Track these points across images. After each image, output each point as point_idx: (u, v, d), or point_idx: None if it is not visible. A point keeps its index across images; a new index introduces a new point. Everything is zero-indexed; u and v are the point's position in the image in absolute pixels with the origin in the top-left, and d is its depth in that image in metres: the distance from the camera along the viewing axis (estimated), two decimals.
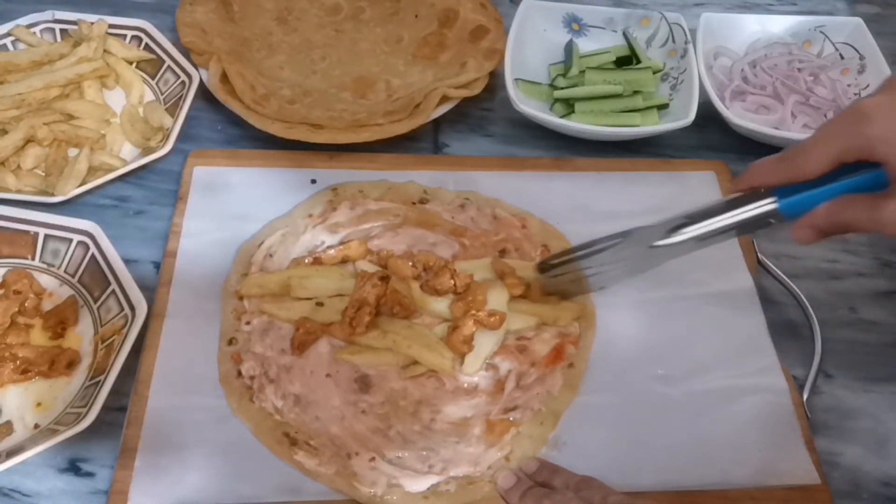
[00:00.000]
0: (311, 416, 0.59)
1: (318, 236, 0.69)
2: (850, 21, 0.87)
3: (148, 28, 0.83)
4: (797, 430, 0.60)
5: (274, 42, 0.85)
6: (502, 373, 0.62)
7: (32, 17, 0.82)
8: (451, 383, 0.61)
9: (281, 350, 0.62)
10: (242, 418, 0.58)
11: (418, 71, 0.83)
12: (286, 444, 0.57)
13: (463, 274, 0.64)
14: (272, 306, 0.64)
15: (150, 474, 0.56)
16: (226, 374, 0.61)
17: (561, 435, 0.59)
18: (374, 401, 0.60)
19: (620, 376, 0.62)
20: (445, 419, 0.59)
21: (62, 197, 0.70)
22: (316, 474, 0.56)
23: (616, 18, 0.87)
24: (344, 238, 0.69)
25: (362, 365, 0.62)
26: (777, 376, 0.63)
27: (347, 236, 0.69)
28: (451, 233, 0.70)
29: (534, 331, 0.64)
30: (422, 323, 0.63)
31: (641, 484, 0.57)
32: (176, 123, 0.75)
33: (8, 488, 0.56)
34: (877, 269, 0.72)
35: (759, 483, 0.57)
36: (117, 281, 0.63)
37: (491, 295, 0.63)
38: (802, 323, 0.67)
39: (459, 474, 0.57)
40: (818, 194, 0.50)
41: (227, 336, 0.63)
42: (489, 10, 0.87)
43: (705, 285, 0.68)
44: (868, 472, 0.60)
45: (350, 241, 0.68)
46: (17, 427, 0.58)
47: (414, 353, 0.61)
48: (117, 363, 0.58)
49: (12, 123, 0.74)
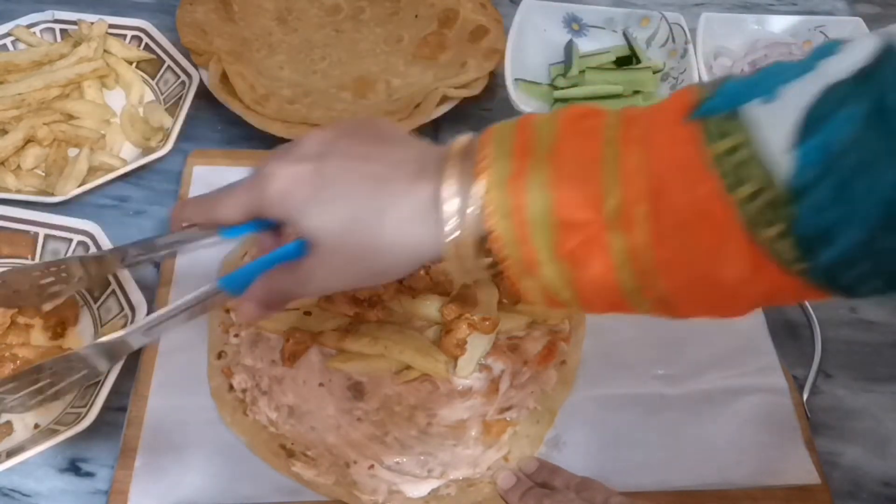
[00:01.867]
0: (306, 426, 0.59)
1: None
2: (851, 21, 0.87)
3: (148, 28, 0.82)
4: (797, 429, 0.60)
5: (274, 42, 0.85)
6: (496, 373, 0.62)
7: (32, 17, 0.82)
8: (446, 386, 0.61)
9: (271, 361, 0.62)
10: (237, 432, 0.58)
11: (418, 71, 0.83)
12: (283, 456, 0.57)
13: (437, 271, 0.63)
14: None
15: (150, 474, 0.56)
16: (217, 388, 0.60)
17: (560, 435, 0.59)
18: (369, 407, 0.60)
19: (619, 376, 0.62)
20: (441, 422, 0.59)
21: (62, 197, 0.70)
22: (315, 485, 0.56)
23: (616, 18, 0.87)
24: None
25: (355, 372, 0.61)
26: (777, 376, 0.63)
27: None
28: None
29: (524, 329, 0.64)
30: (412, 327, 0.63)
31: (641, 484, 0.57)
32: (176, 123, 0.75)
33: (8, 488, 0.56)
34: None
35: (759, 483, 0.57)
36: (117, 281, 0.63)
37: (481, 296, 0.63)
38: (802, 323, 0.67)
39: (459, 477, 0.57)
40: (252, 267, 0.50)
41: (215, 350, 0.62)
42: (489, 10, 0.87)
43: None
44: (868, 472, 0.60)
45: None
46: (17, 427, 0.58)
47: (406, 357, 0.61)
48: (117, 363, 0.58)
49: (12, 123, 0.74)
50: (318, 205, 0.44)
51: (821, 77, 0.35)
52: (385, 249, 0.44)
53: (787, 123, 0.35)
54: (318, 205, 0.44)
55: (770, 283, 0.38)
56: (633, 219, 0.38)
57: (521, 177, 0.40)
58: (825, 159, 0.34)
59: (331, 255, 0.45)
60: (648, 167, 0.38)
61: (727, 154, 0.36)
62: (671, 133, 0.38)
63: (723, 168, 0.36)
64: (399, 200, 0.43)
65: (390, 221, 0.43)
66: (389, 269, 0.45)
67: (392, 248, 0.44)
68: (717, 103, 0.38)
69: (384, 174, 0.44)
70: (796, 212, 0.35)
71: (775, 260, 0.37)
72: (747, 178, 0.36)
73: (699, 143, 0.37)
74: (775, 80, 0.37)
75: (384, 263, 0.45)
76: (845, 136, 0.34)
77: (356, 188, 0.44)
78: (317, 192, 0.44)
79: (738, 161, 0.36)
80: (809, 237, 0.36)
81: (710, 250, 0.38)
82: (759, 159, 0.36)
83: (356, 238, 0.44)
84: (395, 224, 0.43)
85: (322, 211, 0.44)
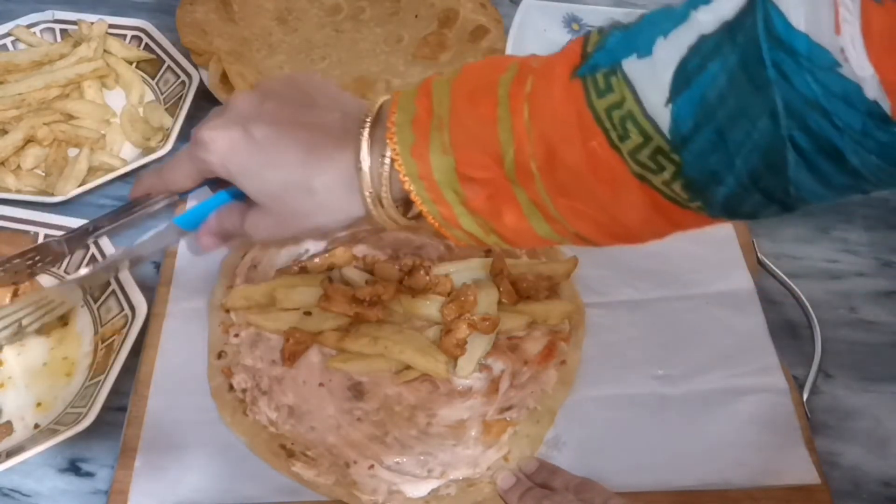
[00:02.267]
0: (306, 426, 0.59)
1: (302, 244, 0.68)
2: None
3: (148, 28, 0.83)
4: (797, 430, 0.60)
5: (274, 42, 0.85)
6: (496, 373, 0.62)
7: (32, 17, 0.82)
8: (446, 386, 0.61)
9: (271, 361, 0.62)
10: (237, 432, 0.58)
11: (418, 71, 0.83)
12: (283, 456, 0.57)
13: (438, 273, 0.64)
14: (259, 317, 0.63)
15: (150, 474, 0.56)
16: (217, 388, 0.60)
17: (560, 435, 0.59)
18: (369, 408, 0.60)
19: (619, 376, 0.62)
20: (441, 422, 0.59)
21: (62, 197, 0.70)
22: (315, 485, 0.56)
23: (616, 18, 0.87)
24: (328, 245, 0.68)
25: (355, 372, 0.61)
26: (777, 376, 0.63)
27: (332, 243, 0.68)
28: (435, 234, 0.69)
29: (524, 329, 0.64)
30: (412, 327, 0.63)
31: (641, 484, 0.57)
32: (176, 123, 0.75)
33: (8, 488, 0.56)
34: (877, 269, 0.72)
35: (759, 483, 0.57)
36: (117, 281, 0.63)
37: (481, 296, 0.63)
38: (802, 323, 0.67)
39: (459, 477, 0.57)
40: (203, 207, 0.53)
41: (215, 350, 0.62)
42: (489, 10, 0.87)
43: (705, 285, 0.67)
44: (868, 472, 0.60)
45: (335, 247, 0.67)
46: (17, 427, 0.58)
47: (406, 358, 0.61)
48: (117, 363, 0.58)
49: (12, 123, 0.74)
50: (254, 169, 0.47)
51: (693, 28, 0.36)
52: (317, 211, 0.47)
53: (662, 78, 0.37)
54: (255, 169, 0.47)
55: (672, 218, 0.41)
56: (529, 173, 0.41)
57: (423, 143, 0.43)
58: (701, 111, 0.36)
59: (269, 213, 0.49)
60: (537, 125, 0.40)
61: (610, 110, 0.38)
62: (559, 90, 0.40)
63: (608, 122, 0.38)
64: (325, 166, 0.46)
65: (319, 186, 0.46)
66: (324, 227, 0.49)
67: (325, 208, 0.47)
68: (599, 59, 0.39)
69: (310, 141, 0.47)
70: (681, 158, 0.37)
71: (671, 201, 0.40)
72: (631, 131, 0.38)
73: (584, 100, 0.39)
74: (652, 31, 0.38)
75: (319, 221, 0.48)
76: (718, 88, 0.35)
77: (284, 157, 0.47)
78: (251, 157, 0.47)
79: (621, 116, 0.38)
80: (697, 180, 0.38)
81: (608, 198, 0.40)
82: (640, 113, 0.37)
83: (289, 202, 0.47)
84: (324, 189, 0.47)
85: (255, 176, 0.48)
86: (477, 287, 0.63)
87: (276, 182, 0.47)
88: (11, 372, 0.61)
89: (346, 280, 0.65)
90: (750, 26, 0.34)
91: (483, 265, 0.66)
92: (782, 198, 0.38)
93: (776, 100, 0.34)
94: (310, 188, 0.46)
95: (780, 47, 0.33)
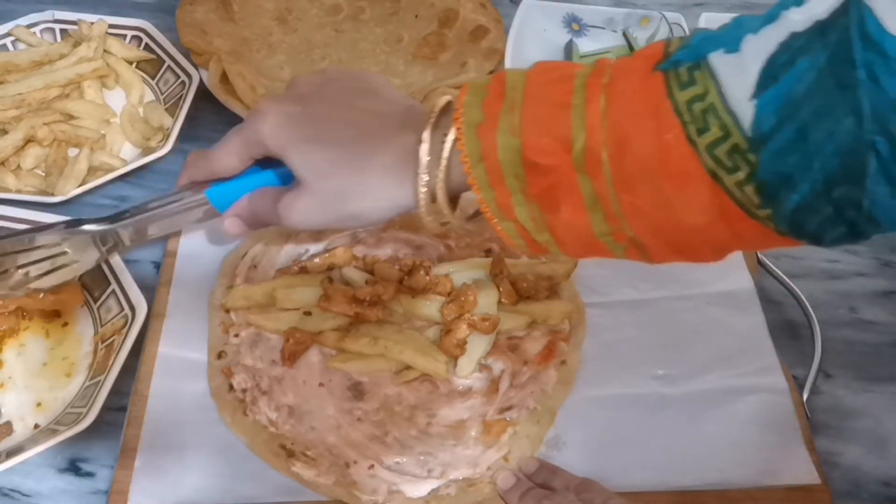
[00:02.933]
0: (306, 426, 0.58)
1: (302, 244, 0.68)
2: None
3: (148, 28, 0.83)
4: (797, 430, 0.60)
5: (274, 42, 0.85)
6: (496, 373, 0.62)
7: (32, 17, 0.82)
8: (446, 386, 0.61)
9: (271, 361, 0.62)
10: (237, 432, 0.58)
11: (418, 71, 0.83)
12: (283, 457, 0.57)
13: (438, 273, 0.64)
14: (259, 317, 0.63)
15: (150, 474, 0.56)
16: (217, 388, 0.60)
17: (560, 435, 0.59)
18: (369, 408, 0.60)
19: (619, 376, 0.62)
20: (441, 422, 0.59)
21: (62, 197, 0.70)
22: (315, 485, 0.56)
23: (616, 18, 0.87)
24: (328, 245, 0.68)
25: (355, 372, 0.61)
26: (777, 376, 0.63)
27: (332, 243, 0.68)
28: (435, 235, 0.69)
29: (524, 329, 0.64)
30: (412, 327, 0.63)
31: (641, 484, 0.57)
32: (176, 123, 0.75)
33: (8, 488, 0.56)
34: (877, 269, 0.72)
35: (759, 483, 0.57)
36: (117, 281, 0.63)
37: (481, 296, 0.63)
38: (802, 323, 0.67)
39: (459, 477, 0.57)
40: (239, 184, 0.51)
41: (215, 350, 0.62)
42: (489, 10, 0.87)
43: (705, 285, 0.68)
44: (868, 472, 0.60)
45: (335, 247, 0.67)
46: (17, 427, 0.58)
47: (406, 358, 0.61)
48: (117, 363, 0.58)
49: (12, 123, 0.74)
50: (304, 142, 0.47)
51: (783, 26, 0.36)
52: (365, 192, 0.46)
53: (749, 72, 0.36)
54: (305, 142, 0.47)
55: (736, 227, 0.40)
56: (598, 163, 0.40)
57: (492, 122, 0.42)
58: (785, 107, 0.35)
59: (312, 192, 0.47)
60: (612, 113, 0.39)
61: (691, 102, 0.38)
62: (638, 82, 0.40)
63: (687, 116, 0.38)
64: (380, 148, 0.45)
65: (372, 167, 0.45)
66: (365, 213, 0.47)
67: (371, 192, 0.46)
68: (683, 55, 0.39)
69: (369, 122, 0.46)
70: (758, 158, 0.37)
71: (740, 205, 0.38)
72: (711, 125, 0.37)
73: (664, 92, 0.38)
74: (740, 30, 0.38)
75: (361, 206, 0.47)
76: (805, 85, 0.35)
77: (338, 133, 0.46)
78: (304, 130, 0.46)
79: (702, 109, 0.37)
80: (771, 183, 0.37)
81: (675, 195, 0.39)
82: (722, 107, 0.37)
83: (338, 178, 0.46)
84: (377, 169, 0.45)
85: (308, 149, 0.47)
86: (477, 287, 0.64)
87: (325, 157, 0.46)
88: (11, 372, 0.61)
89: (346, 280, 0.65)
90: (843, 26, 0.34)
91: (483, 265, 0.66)
92: (853, 215, 0.36)
93: (863, 101, 0.33)
94: (360, 167, 0.45)
95: (872, 48, 0.33)
